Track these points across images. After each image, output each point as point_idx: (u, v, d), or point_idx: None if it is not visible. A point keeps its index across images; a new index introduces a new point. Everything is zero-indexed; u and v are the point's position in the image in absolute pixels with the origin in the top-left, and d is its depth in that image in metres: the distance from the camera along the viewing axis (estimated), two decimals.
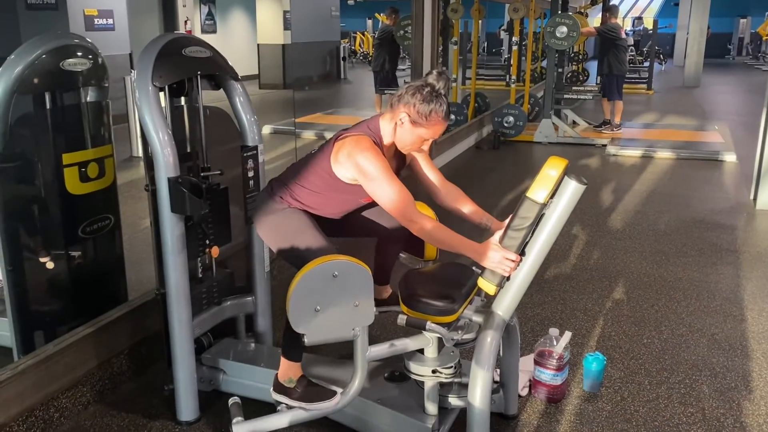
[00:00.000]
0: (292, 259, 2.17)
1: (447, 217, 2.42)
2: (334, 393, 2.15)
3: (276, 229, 2.24)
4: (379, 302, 2.37)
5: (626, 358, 2.89)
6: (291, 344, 2.18)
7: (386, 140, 2.19)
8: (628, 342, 3.04)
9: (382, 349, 2.10)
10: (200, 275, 2.55)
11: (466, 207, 2.31)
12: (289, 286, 1.95)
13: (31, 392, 2.28)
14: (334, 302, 1.96)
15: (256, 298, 2.72)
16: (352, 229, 2.43)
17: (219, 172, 2.52)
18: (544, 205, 1.96)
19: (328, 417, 2.36)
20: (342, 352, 2.62)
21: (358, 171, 2.09)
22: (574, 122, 8.64)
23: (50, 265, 2.61)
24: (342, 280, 1.95)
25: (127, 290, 2.90)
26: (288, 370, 2.21)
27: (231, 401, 2.25)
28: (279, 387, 2.23)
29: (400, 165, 2.32)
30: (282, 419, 2.18)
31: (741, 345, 3.01)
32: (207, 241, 2.53)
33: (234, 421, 2.16)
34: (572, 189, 1.94)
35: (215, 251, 2.56)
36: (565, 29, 7.40)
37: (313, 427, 2.36)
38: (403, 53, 9.38)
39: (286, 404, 2.20)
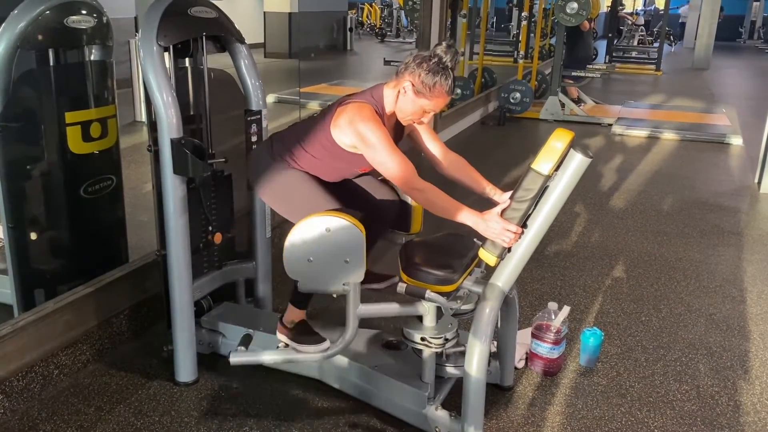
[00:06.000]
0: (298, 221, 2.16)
1: (450, 187, 2.41)
2: (324, 340, 2.26)
3: (281, 192, 2.24)
4: None
5: (624, 334, 2.90)
6: (297, 292, 2.25)
7: (388, 109, 2.17)
8: (626, 319, 3.04)
9: (372, 308, 2.14)
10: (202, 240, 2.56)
11: (470, 177, 2.29)
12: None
13: (30, 348, 2.30)
14: (326, 256, 2.04)
15: (257, 263, 2.73)
16: (344, 198, 2.41)
17: (224, 159, 2.49)
18: (548, 177, 1.95)
19: (329, 384, 2.39)
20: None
21: (359, 139, 2.07)
22: (578, 99, 8.58)
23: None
24: (333, 235, 2.01)
25: (128, 252, 2.91)
26: (292, 314, 2.34)
27: (246, 331, 2.42)
28: (281, 327, 2.35)
29: (398, 136, 2.30)
30: (274, 356, 2.30)
31: (739, 325, 3.02)
32: (210, 228, 2.55)
33: (236, 348, 2.29)
34: (577, 162, 1.92)
35: (218, 238, 2.58)
36: (575, 5, 7.28)
37: (311, 392, 2.39)
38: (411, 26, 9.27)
39: (285, 343, 2.32)
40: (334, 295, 2.19)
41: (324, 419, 2.27)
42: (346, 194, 2.37)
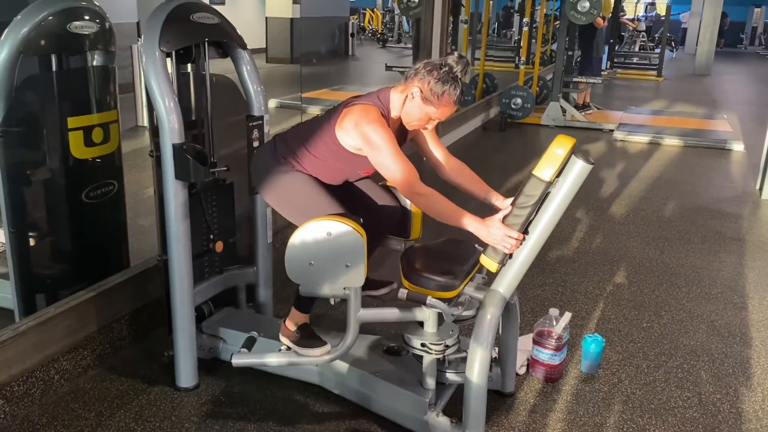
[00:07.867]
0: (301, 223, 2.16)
1: (451, 193, 2.41)
2: (325, 344, 2.25)
3: (285, 194, 2.24)
4: None
5: (625, 341, 2.90)
6: (301, 296, 2.26)
7: (394, 113, 2.17)
8: (627, 325, 3.04)
9: (373, 313, 2.16)
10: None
11: (471, 182, 2.30)
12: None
13: (31, 353, 2.30)
14: (327, 259, 2.05)
15: (258, 268, 2.73)
16: (345, 202, 2.42)
17: (225, 167, 2.49)
18: (549, 184, 1.95)
19: (331, 391, 2.39)
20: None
21: (364, 141, 2.07)
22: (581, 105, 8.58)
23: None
24: (335, 239, 2.02)
25: (129, 256, 2.91)
26: (295, 317, 2.34)
27: (250, 333, 2.42)
28: (284, 330, 2.36)
29: (402, 140, 2.30)
30: (276, 358, 2.31)
31: (740, 332, 3.01)
32: (211, 236, 2.56)
33: (239, 350, 2.32)
34: (579, 168, 1.92)
35: (219, 246, 2.58)
36: (587, 4, 7.23)
37: (312, 398, 2.38)
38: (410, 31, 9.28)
39: (287, 347, 2.33)
40: (332, 302, 2.20)
41: (324, 425, 2.26)
42: (348, 198, 2.37)
